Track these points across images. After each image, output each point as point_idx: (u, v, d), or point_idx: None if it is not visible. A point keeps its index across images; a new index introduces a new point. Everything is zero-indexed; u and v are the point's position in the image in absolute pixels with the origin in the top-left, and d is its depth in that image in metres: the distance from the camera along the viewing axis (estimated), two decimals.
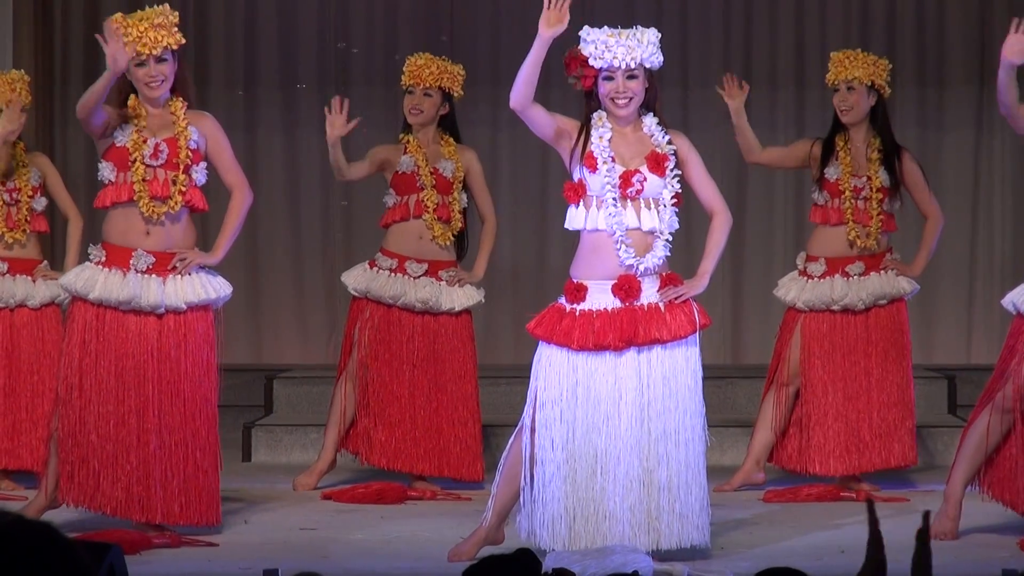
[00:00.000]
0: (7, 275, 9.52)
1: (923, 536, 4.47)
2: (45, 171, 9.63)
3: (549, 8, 7.37)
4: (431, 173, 9.49)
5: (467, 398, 9.62)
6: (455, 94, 9.64)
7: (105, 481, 7.98)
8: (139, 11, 8.04)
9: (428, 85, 9.55)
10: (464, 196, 9.59)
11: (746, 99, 9.34)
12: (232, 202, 8.17)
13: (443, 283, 9.56)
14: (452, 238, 9.56)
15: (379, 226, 9.69)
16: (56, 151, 12.02)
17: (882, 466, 9.45)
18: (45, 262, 9.66)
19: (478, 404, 9.66)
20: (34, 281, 9.57)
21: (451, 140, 9.61)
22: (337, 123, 9.15)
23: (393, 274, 9.53)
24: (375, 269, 9.59)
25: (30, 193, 9.53)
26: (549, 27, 7.37)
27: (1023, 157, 12.52)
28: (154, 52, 7.90)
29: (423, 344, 9.57)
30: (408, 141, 9.51)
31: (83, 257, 8.47)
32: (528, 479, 7.61)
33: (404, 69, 9.64)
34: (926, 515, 4.50)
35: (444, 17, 12.71)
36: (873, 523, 4.38)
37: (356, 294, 9.61)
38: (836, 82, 9.29)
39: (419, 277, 9.52)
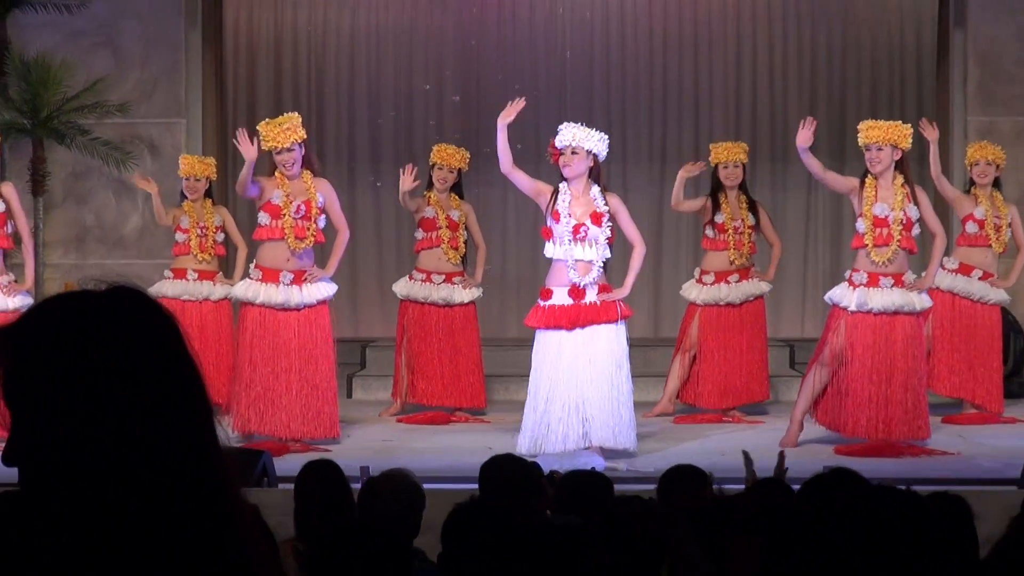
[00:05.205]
0: (198, 280, 9.63)
1: (779, 472, 4.74)
2: (225, 218, 9.74)
3: (509, 109, 7.64)
4: (446, 219, 9.53)
5: (474, 357, 9.58)
6: (463, 168, 9.65)
7: (266, 413, 8.11)
8: (278, 117, 8.20)
9: (451, 165, 9.57)
10: (465, 233, 9.61)
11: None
12: (338, 238, 8.29)
13: (455, 285, 9.54)
14: (460, 259, 9.58)
15: (413, 252, 9.71)
16: (229, 192, 11.41)
17: (748, 400, 9.50)
18: (220, 273, 9.74)
19: (480, 359, 9.61)
20: (214, 284, 9.67)
21: (456, 197, 9.59)
22: (407, 182, 9.17)
23: (423, 283, 9.56)
24: (412, 280, 9.61)
25: (214, 230, 9.65)
26: (503, 120, 7.67)
27: (839, 202, 11.85)
28: (284, 145, 8.04)
29: (445, 325, 9.53)
30: (430, 197, 9.51)
31: (245, 274, 8.64)
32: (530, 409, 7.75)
33: (435, 153, 9.58)
34: (781, 456, 4.79)
35: (472, 115, 12.20)
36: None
37: (401, 297, 9.64)
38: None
39: (440, 284, 9.55)
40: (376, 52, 12.48)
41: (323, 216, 8.23)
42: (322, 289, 8.24)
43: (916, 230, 8.10)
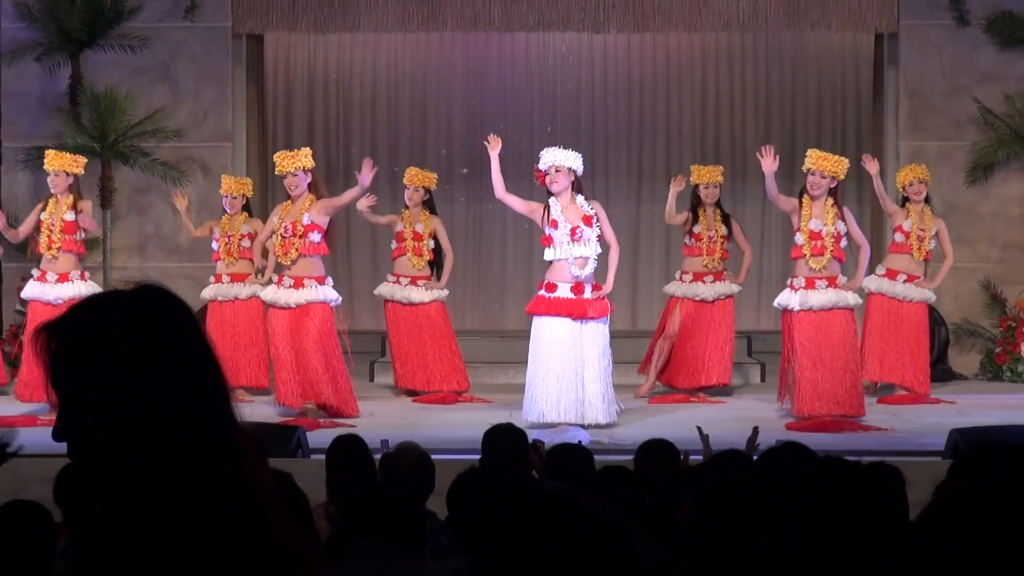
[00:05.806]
0: (230, 282, 9.51)
1: (751, 446, 4.71)
2: (255, 227, 9.42)
3: (492, 141, 7.80)
4: (412, 231, 9.54)
5: (445, 347, 9.49)
6: (432, 188, 9.64)
7: (295, 388, 8.19)
8: (294, 150, 8.34)
9: (418, 185, 9.58)
10: (432, 242, 9.55)
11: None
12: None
13: (419, 287, 9.51)
14: (424, 264, 9.54)
15: (390, 259, 9.75)
16: (269, 207, 10.78)
17: (707, 384, 9.42)
18: (252, 275, 9.47)
19: (454, 348, 9.49)
20: (244, 285, 9.46)
21: (426, 212, 9.56)
22: (363, 203, 9.16)
23: (393, 285, 9.59)
24: (387, 284, 9.65)
25: (239, 238, 9.50)
26: (493, 151, 7.83)
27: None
28: (288, 170, 8.14)
29: (413, 321, 9.48)
30: (404, 214, 9.55)
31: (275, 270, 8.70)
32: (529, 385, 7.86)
33: (406, 175, 9.63)
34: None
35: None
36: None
37: (382, 298, 9.70)
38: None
39: (406, 286, 9.54)
40: (395, 92, 12.51)
41: (315, 232, 8.25)
42: (317, 294, 8.28)
43: (844, 243, 8.23)
